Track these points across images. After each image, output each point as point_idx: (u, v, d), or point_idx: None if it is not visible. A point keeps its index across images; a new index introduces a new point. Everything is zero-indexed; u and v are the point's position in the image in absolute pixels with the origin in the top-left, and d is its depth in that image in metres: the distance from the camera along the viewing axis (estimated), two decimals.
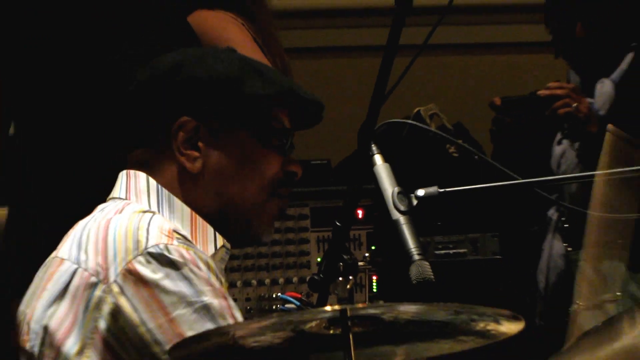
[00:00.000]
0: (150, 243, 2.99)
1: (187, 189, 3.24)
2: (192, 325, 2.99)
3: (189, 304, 2.99)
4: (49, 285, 3.13)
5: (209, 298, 3.01)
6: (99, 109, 5.39)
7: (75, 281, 3.05)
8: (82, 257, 3.05)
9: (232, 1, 5.40)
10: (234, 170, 3.21)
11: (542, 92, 5.02)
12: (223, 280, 3.18)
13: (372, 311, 2.72)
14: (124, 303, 2.98)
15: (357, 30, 5.28)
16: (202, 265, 3.04)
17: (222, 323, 3.00)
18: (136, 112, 3.30)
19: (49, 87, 5.98)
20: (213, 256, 3.21)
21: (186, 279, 3.00)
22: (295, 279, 4.41)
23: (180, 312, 2.99)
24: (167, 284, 2.99)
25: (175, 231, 3.10)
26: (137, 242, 2.99)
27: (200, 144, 3.17)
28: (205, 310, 3.02)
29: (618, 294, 4.67)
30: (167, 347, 2.94)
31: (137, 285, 2.99)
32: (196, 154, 3.16)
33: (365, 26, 4.33)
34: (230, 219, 3.25)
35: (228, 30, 5.18)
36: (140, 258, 2.97)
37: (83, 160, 5.44)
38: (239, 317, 3.12)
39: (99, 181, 4.01)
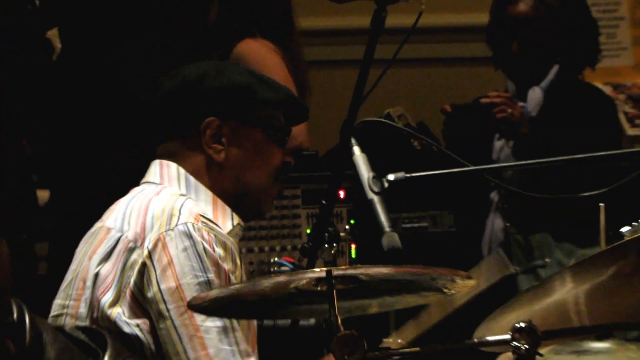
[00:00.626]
0: (180, 221, 3.12)
1: (213, 175, 3.33)
2: (193, 294, 3.01)
3: (196, 276, 3.08)
4: (99, 249, 3.22)
5: (212, 276, 3.10)
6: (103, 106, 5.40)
7: (119, 246, 3.15)
8: (125, 227, 3.17)
9: (271, 32, 5.47)
10: (250, 160, 3.35)
11: (483, 100, 4.99)
12: (237, 258, 3.26)
13: (351, 272, 2.69)
14: (148, 264, 3.10)
15: (341, 47, 5.25)
16: (218, 247, 3.14)
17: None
18: (168, 113, 3.39)
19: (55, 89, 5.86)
20: (230, 232, 3.30)
21: (199, 256, 3.10)
22: (289, 247, 4.48)
23: (187, 281, 3.08)
24: (183, 257, 3.10)
25: (202, 215, 3.19)
26: (170, 219, 3.13)
27: (223, 139, 3.30)
28: (207, 284, 3.09)
29: (547, 260, 4.63)
30: (171, 306, 3.08)
31: (161, 253, 3.10)
32: (220, 147, 3.30)
33: (348, 43, 4.25)
34: (244, 199, 3.38)
35: (267, 58, 5.24)
36: (170, 232, 3.11)
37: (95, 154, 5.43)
38: None
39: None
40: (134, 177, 3.36)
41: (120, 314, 3.10)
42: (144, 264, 3.11)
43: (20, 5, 5.95)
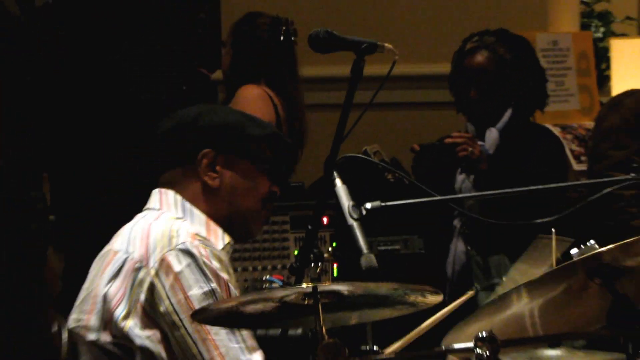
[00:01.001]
0: (180, 241, 3.19)
1: (208, 199, 3.38)
2: (201, 303, 3.10)
3: (201, 287, 3.14)
4: (107, 269, 3.27)
5: (215, 285, 3.17)
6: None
7: (126, 266, 3.21)
8: (130, 249, 3.23)
9: (275, 80, 5.48)
10: (240, 187, 3.40)
11: (447, 140, 5.00)
12: (230, 269, 3.33)
13: (334, 288, 2.72)
14: (157, 282, 3.17)
15: (325, 92, 5.26)
16: (214, 260, 3.21)
17: None
18: (168, 147, 3.47)
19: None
20: (222, 249, 3.34)
21: (201, 269, 3.17)
22: (279, 266, 4.53)
23: (194, 292, 3.14)
24: (187, 272, 3.16)
25: (197, 234, 3.26)
26: (170, 240, 3.20)
27: (217, 167, 3.36)
28: (212, 293, 3.16)
29: (504, 279, 4.62)
30: (183, 316, 3.14)
31: (167, 271, 3.16)
32: (215, 174, 3.37)
33: (331, 89, 4.26)
34: (235, 221, 3.43)
35: (253, 105, 5.21)
36: (172, 252, 3.18)
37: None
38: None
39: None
40: (133, 177, 3.40)
41: (132, 327, 3.16)
42: (152, 283, 3.18)
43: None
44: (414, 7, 6.11)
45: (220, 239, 3.36)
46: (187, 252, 3.17)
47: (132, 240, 3.29)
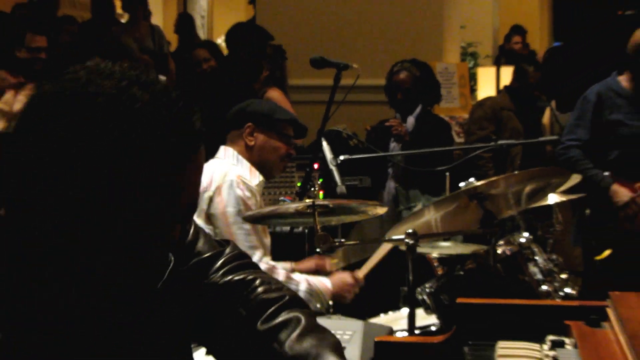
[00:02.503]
0: (229, 179, 3.13)
1: (248, 153, 3.29)
2: (236, 220, 3.09)
3: (233, 206, 3.08)
4: None
5: (242, 207, 3.09)
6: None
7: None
8: (204, 181, 2.99)
9: (278, 84, 5.39)
10: (267, 147, 3.30)
11: (386, 124, 4.92)
12: (258, 197, 3.24)
13: (323, 202, 2.75)
14: (213, 200, 3.13)
15: (318, 93, 5.24)
16: (247, 192, 3.13)
17: (255, 233, 3.17)
18: (232, 121, 3.37)
19: None
20: (257, 185, 3.25)
21: (241, 199, 3.10)
22: (288, 193, 4.38)
23: (229, 209, 3.08)
24: (231, 199, 3.10)
25: (241, 175, 3.18)
26: (224, 177, 3.14)
27: (255, 134, 3.27)
28: (239, 212, 3.09)
29: (417, 203, 4.56)
30: (221, 220, 3.15)
31: (219, 194, 3.12)
32: (252, 138, 3.27)
33: (323, 92, 4.18)
34: (264, 168, 3.33)
35: (284, 100, 5.12)
36: (224, 184, 3.12)
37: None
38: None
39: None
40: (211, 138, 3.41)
41: (200, 223, 3.03)
42: (211, 198, 3.11)
43: None
44: (367, 42, 6.11)
45: (257, 178, 3.25)
46: (231, 185, 3.09)
47: (205, 174, 3.17)
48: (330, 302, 3.21)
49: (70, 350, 1.16)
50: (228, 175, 3.16)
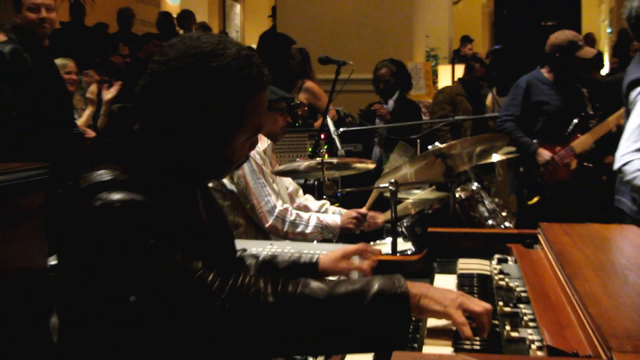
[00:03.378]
0: None
1: None
2: (253, 177, 2.71)
3: (253, 170, 2.69)
4: None
5: (255, 168, 2.71)
6: None
7: None
8: None
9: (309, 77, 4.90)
10: (272, 120, 2.80)
11: (373, 107, 4.90)
12: (267, 160, 2.86)
13: (330, 160, 2.66)
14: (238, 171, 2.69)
15: (325, 84, 5.02)
16: (257, 156, 2.75)
17: (268, 184, 2.76)
18: None
19: None
20: (267, 147, 2.88)
21: (254, 161, 2.70)
22: (303, 155, 4.12)
23: (247, 171, 2.68)
24: (248, 169, 2.69)
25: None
26: None
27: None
28: (254, 171, 2.72)
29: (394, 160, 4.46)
30: (242, 179, 2.70)
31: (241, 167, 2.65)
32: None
33: (328, 83, 4.08)
34: (271, 134, 2.87)
35: (320, 90, 4.76)
36: None
37: None
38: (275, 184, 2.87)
39: None
40: None
41: (226, 181, 2.71)
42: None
43: None
44: (359, 47, 5.92)
45: (265, 142, 2.85)
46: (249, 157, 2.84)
47: None
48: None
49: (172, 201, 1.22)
50: None
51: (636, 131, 2.35)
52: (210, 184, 2.06)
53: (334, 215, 2.89)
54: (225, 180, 2.70)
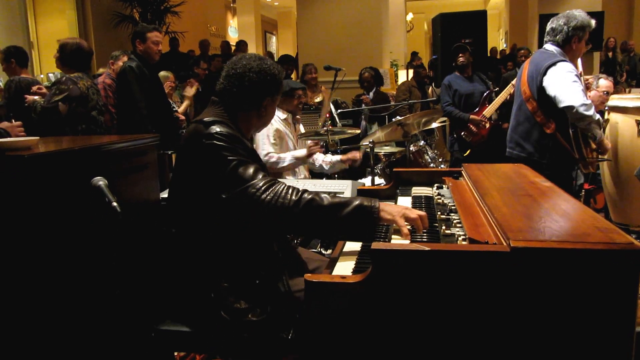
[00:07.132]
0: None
1: (281, 105, 2.45)
2: (265, 142, 2.32)
3: (263, 134, 2.29)
4: None
5: (272, 135, 2.33)
6: None
7: None
8: None
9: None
10: (288, 102, 2.41)
11: (361, 97, 4.65)
12: (282, 131, 2.36)
13: (331, 129, 2.43)
14: (255, 135, 2.25)
15: (327, 82, 4.65)
16: (275, 124, 2.35)
17: (268, 140, 2.33)
18: None
19: None
20: (285, 117, 2.43)
21: (271, 124, 2.21)
22: (314, 127, 3.65)
23: (263, 132, 2.26)
24: (261, 135, 2.31)
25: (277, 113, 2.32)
26: None
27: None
28: (268, 137, 2.31)
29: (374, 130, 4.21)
30: (259, 142, 2.31)
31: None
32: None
33: (329, 82, 3.76)
34: (289, 111, 2.44)
35: (327, 92, 4.02)
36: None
37: None
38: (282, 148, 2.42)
39: None
40: None
41: None
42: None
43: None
44: (349, 58, 5.66)
45: (284, 114, 2.41)
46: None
47: None
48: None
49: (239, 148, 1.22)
50: None
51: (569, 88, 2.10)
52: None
53: (303, 150, 2.44)
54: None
